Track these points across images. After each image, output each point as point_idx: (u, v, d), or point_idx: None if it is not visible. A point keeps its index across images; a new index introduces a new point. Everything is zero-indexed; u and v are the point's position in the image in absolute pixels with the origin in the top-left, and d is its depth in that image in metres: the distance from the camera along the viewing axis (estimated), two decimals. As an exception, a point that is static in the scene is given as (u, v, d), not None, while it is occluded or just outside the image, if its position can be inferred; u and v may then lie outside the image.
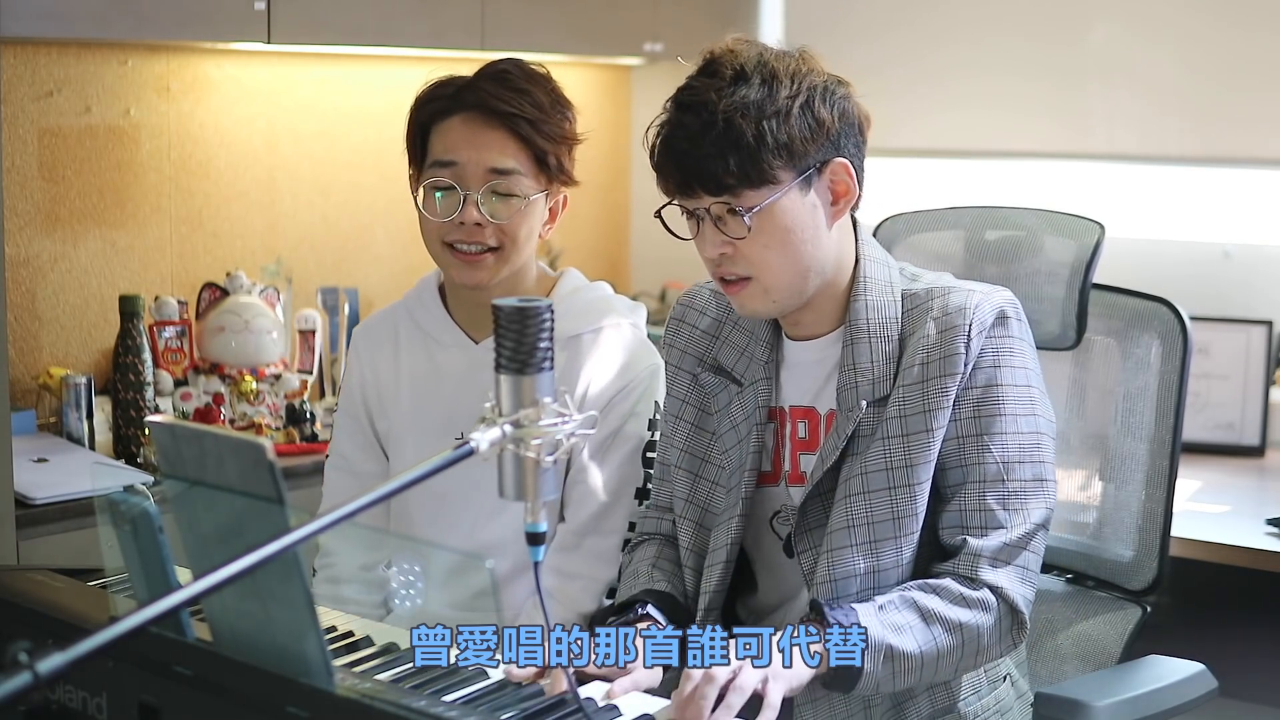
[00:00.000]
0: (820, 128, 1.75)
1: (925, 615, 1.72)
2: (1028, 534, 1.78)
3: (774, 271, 1.78)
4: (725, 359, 1.93)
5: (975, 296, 1.79)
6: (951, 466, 1.79)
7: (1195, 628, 2.72)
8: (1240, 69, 3.52)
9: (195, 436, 1.40)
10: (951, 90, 3.86)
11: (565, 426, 1.43)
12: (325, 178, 3.57)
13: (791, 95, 1.74)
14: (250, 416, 3.08)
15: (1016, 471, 1.78)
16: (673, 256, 4.59)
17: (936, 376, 1.77)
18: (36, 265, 3.05)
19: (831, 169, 1.78)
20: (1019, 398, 1.79)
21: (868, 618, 1.69)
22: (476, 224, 2.06)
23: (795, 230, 1.77)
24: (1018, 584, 1.77)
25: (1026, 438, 1.79)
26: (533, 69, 2.13)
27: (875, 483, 1.78)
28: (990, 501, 1.77)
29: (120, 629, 1.14)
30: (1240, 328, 3.40)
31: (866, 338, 1.82)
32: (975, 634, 1.74)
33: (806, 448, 1.88)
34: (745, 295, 1.81)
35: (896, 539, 1.78)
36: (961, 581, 1.76)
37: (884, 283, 1.84)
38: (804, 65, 1.78)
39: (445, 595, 2.16)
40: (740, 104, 1.72)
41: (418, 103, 2.13)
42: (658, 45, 3.82)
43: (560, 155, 2.11)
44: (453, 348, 2.18)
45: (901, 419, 1.78)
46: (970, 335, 1.77)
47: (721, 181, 1.74)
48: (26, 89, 3.00)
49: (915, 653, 1.70)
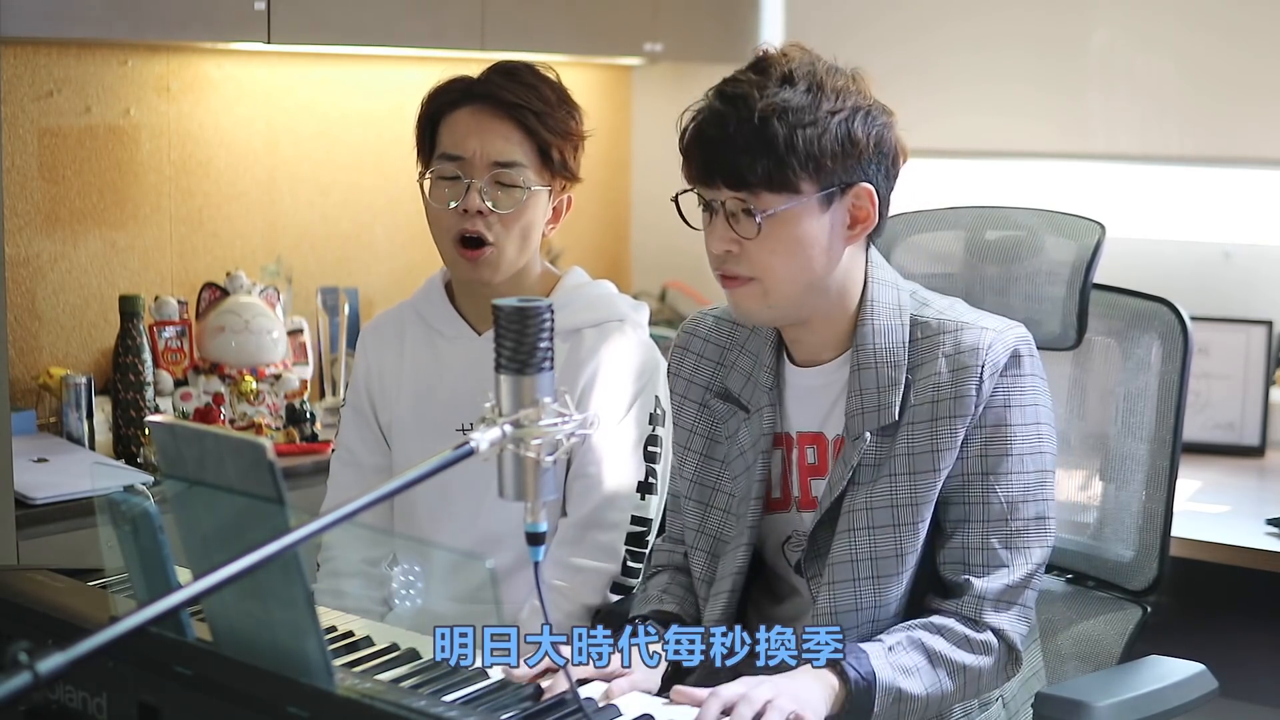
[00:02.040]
0: (853, 148, 1.74)
1: (932, 658, 1.74)
2: (1029, 574, 1.79)
3: (776, 278, 1.76)
4: (733, 385, 1.92)
5: (989, 335, 1.78)
6: (955, 503, 1.80)
7: (1195, 628, 2.72)
8: (1239, 70, 3.52)
9: (195, 436, 1.40)
10: (952, 91, 3.86)
11: (565, 426, 1.42)
12: (325, 178, 3.57)
13: (833, 110, 1.73)
14: (250, 416, 3.08)
15: (1020, 511, 1.78)
16: (673, 257, 4.61)
17: (946, 417, 1.76)
18: (36, 265, 3.05)
19: (855, 192, 1.77)
20: (1026, 436, 1.79)
21: (878, 660, 1.70)
22: (479, 211, 2.09)
23: (805, 243, 1.75)
24: (1017, 624, 1.79)
25: (1031, 477, 1.79)
26: (542, 70, 2.17)
27: (880, 519, 1.78)
28: (993, 541, 1.78)
29: (120, 629, 1.14)
30: (1240, 328, 3.40)
31: (874, 364, 1.80)
32: (976, 676, 1.77)
33: (816, 473, 1.87)
34: (743, 295, 1.79)
35: (899, 575, 1.79)
36: (966, 624, 1.77)
37: (892, 306, 1.82)
38: (853, 85, 1.77)
39: (446, 589, 2.17)
40: (780, 106, 1.71)
41: (428, 97, 2.18)
42: (658, 45, 3.82)
43: (564, 151, 2.14)
44: (456, 339, 2.21)
45: (909, 456, 1.78)
46: (983, 378, 1.76)
47: (744, 178, 1.72)
48: (26, 89, 3.00)
49: (921, 695, 1.72)
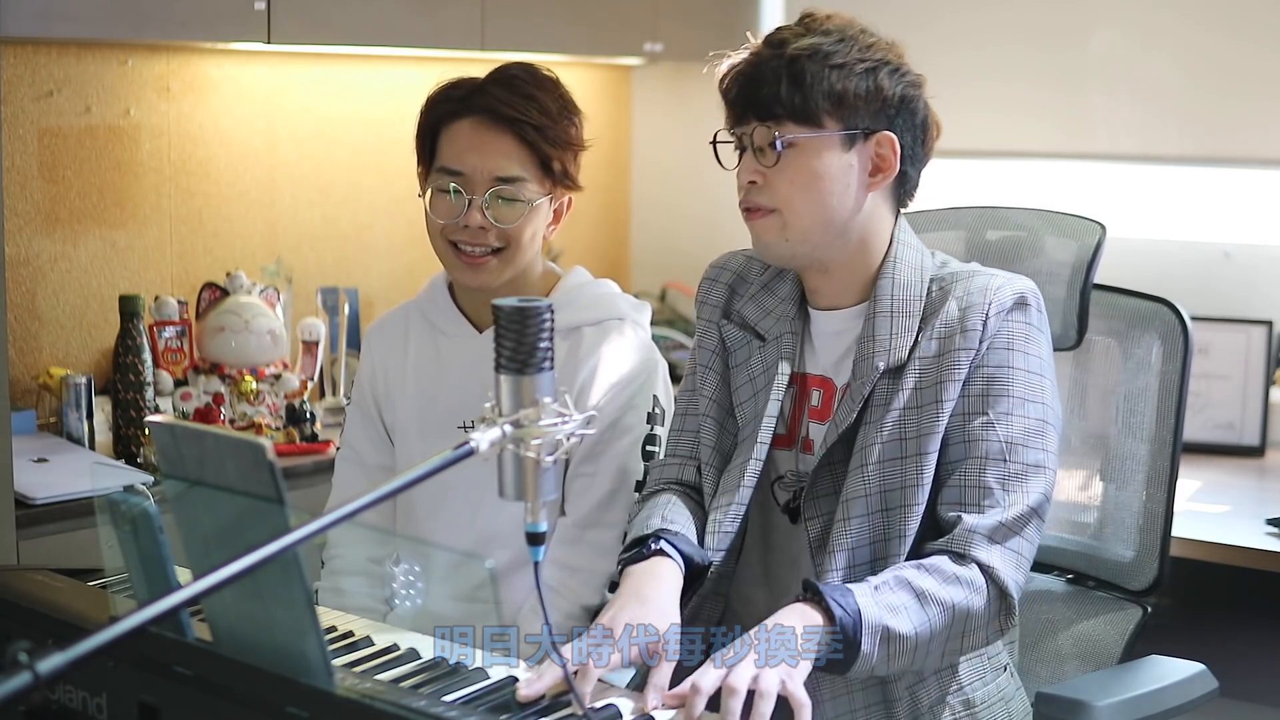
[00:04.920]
0: (877, 94, 1.83)
1: (920, 596, 1.72)
2: (1023, 516, 1.77)
3: (795, 210, 1.83)
4: (750, 315, 1.97)
5: (998, 280, 1.83)
6: (955, 442, 1.80)
7: (1195, 628, 2.72)
8: (1239, 70, 3.52)
9: (195, 436, 1.40)
10: (953, 92, 3.81)
11: (565, 426, 1.43)
12: (325, 178, 3.57)
13: (861, 58, 1.83)
14: (250, 416, 3.08)
15: (1018, 454, 1.78)
16: (673, 257, 4.61)
17: (951, 350, 1.80)
18: (36, 265, 3.05)
19: (878, 139, 1.84)
20: (1029, 383, 1.80)
21: (864, 598, 1.69)
22: (480, 227, 2.09)
23: (823, 178, 1.82)
24: (1010, 568, 1.76)
25: (1032, 423, 1.79)
26: (542, 74, 2.15)
27: (889, 452, 1.80)
28: (989, 479, 1.78)
29: (120, 629, 1.14)
30: (1240, 328, 3.40)
31: (889, 313, 1.84)
32: (965, 614, 1.74)
33: (819, 416, 1.90)
34: (763, 227, 1.85)
35: (903, 508, 1.79)
36: (954, 559, 1.76)
37: (914, 266, 1.88)
38: (888, 47, 1.87)
39: (446, 589, 2.17)
40: (811, 48, 1.81)
41: (428, 103, 2.16)
42: (658, 45, 3.82)
43: (565, 161, 2.13)
44: (458, 338, 2.21)
45: (916, 390, 1.81)
46: (989, 314, 1.80)
47: (770, 109, 1.81)
48: (26, 89, 3.00)
49: (910, 634, 1.70)
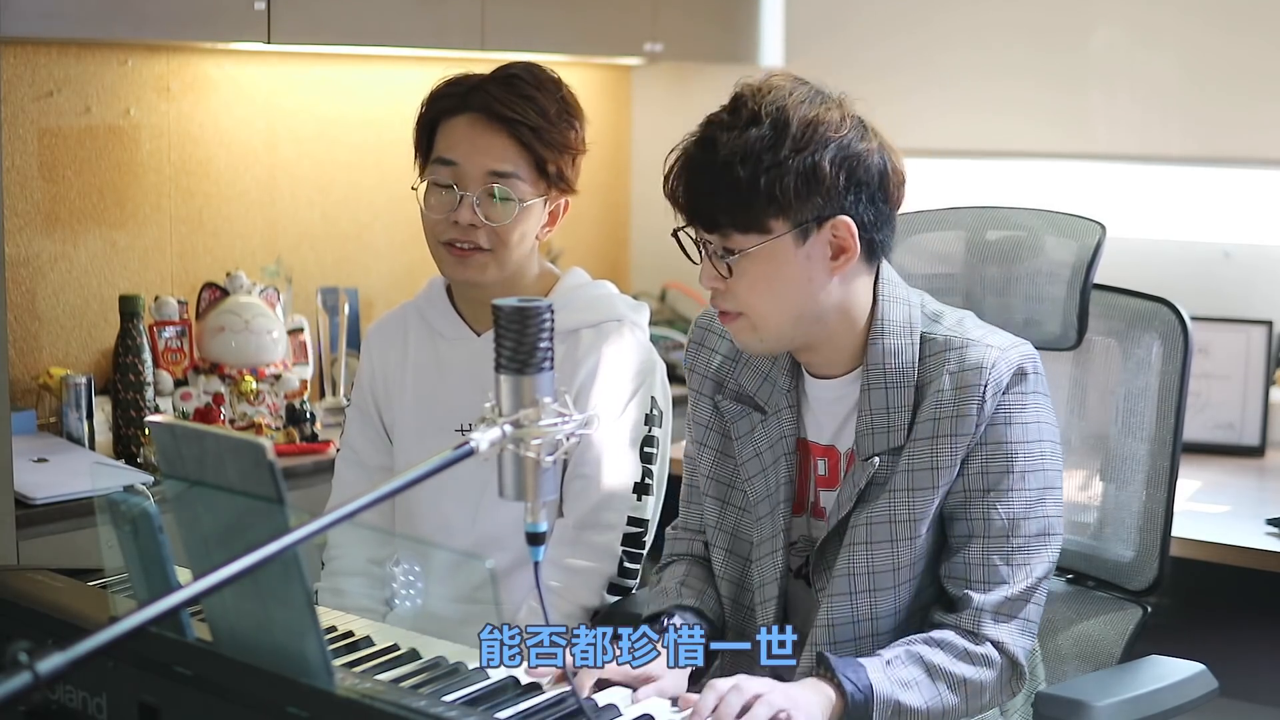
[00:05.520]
0: (819, 184, 1.72)
1: (931, 671, 1.74)
2: (1030, 588, 1.79)
3: (760, 313, 1.77)
4: (747, 384, 1.91)
5: (993, 354, 1.77)
6: (958, 519, 1.80)
7: (1195, 628, 2.72)
8: (1240, 70, 3.52)
9: (195, 436, 1.40)
10: (953, 92, 3.85)
11: (565, 427, 1.43)
12: (325, 178, 3.57)
13: (796, 149, 1.71)
14: (250, 416, 3.08)
15: (1022, 528, 1.78)
16: (673, 258, 4.59)
17: (948, 435, 1.77)
18: (36, 265, 3.05)
19: (833, 225, 1.75)
20: (1028, 454, 1.79)
21: (875, 673, 1.70)
22: (471, 224, 2.09)
23: (783, 279, 1.75)
24: (1019, 637, 1.78)
25: (1033, 494, 1.79)
26: (544, 75, 2.15)
27: (879, 534, 1.79)
28: (994, 558, 1.78)
29: (120, 629, 1.14)
30: (1240, 328, 3.39)
31: (884, 385, 1.80)
32: (979, 689, 1.76)
33: (827, 484, 1.88)
34: (736, 329, 1.81)
35: (894, 589, 1.80)
36: (965, 636, 1.77)
37: (903, 324, 1.82)
38: (829, 114, 1.74)
39: (446, 589, 2.17)
40: (743, 149, 1.71)
41: (429, 98, 2.17)
42: (658, 45, 3.82)
43: (561, 164, 2.12)
44: (456, 340, 2.21)
45: (909, 473, 1.79)
46: (985, 397, 1.76)
47: (715, 220, 1.75)
48: (26, 89, 3.00)
49: (921, 708, 1.72)
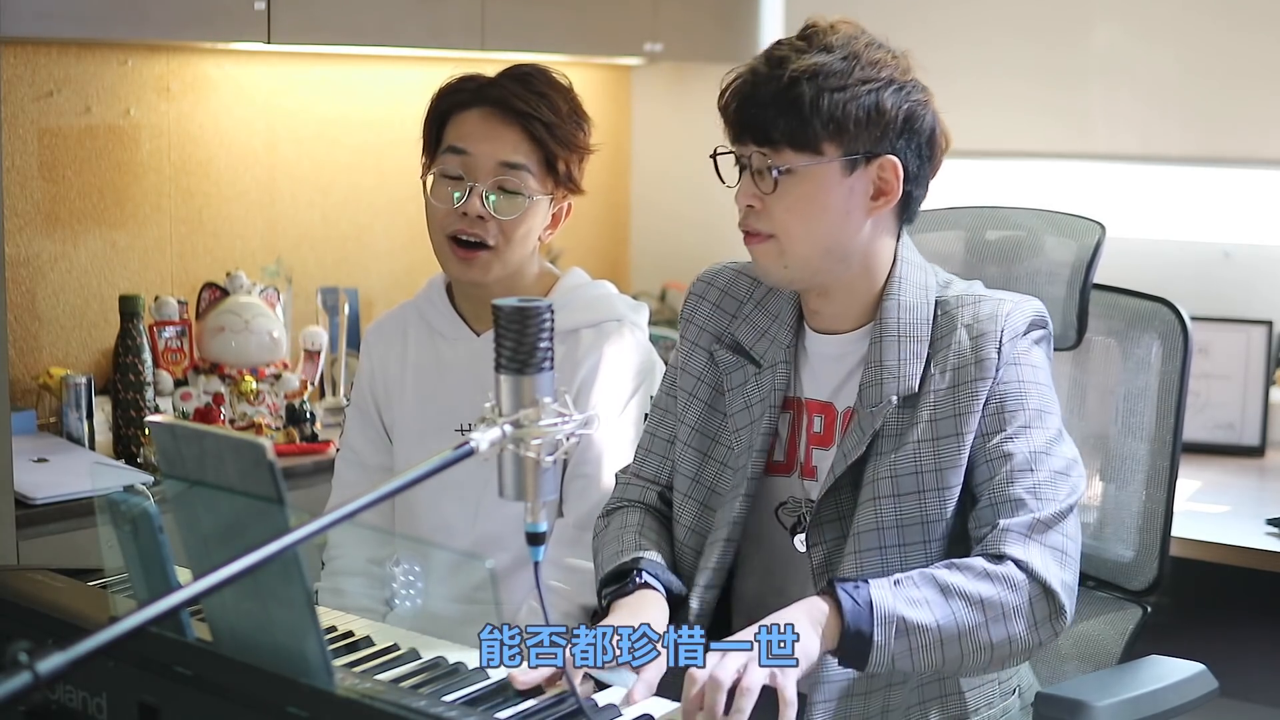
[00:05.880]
0: (879, 117, 1.77)
1: (944, 590, 1.69)
2: (1057, 514, 1.75)
3: (793, 238, 1.79)
4: (744, 338, 1.93)
5: (1006, 305, 1.81)
6: (980, 463, 1.79)
7: (1195, 628, 2.72)
8: (1240, 69, 3.52)
9: (195, 436, 1.40)
10: (953, 91, 3.80)
11: (565, 427, 1.42)
12: (325, 178, 3.57)
13: (864, 79, 1.76)
14: (250, 416, 3.08)
15: (1044, 462, 1.77)
16: (673, 258, 4.61)
17: (968, 381, 1.78)
18: (36, 265, 3.05)
19: (880, 163, 1.79)
20: (1042, 395, 1.80)
21: (879, 590, 1.67)
22: (479, 216, 2.09)
23: (822, 205, 1.78)
24: (1051, 564, 1.73)
25: (1051, 431, 1.80)
26: (555, 77, 2.17)
27: (905, 486, 1.78)
28: (1019, 491, 1.76)
29: (120, 629, 1.14)
30: (1240, 328, 3.39)
31: (896, 336, 1.82)
32: (999, 609, 1.70)
33: (821, 443, 1.87)
34: (761, 251, 1.82)
35: (925, 543, 1.78)
36: (987, 558, 1.73)
37: (919, 285, 1.85)
38: (893, 61, 1.80)
39: (446, 589, 2.17)
40: (811, 69, 1.75)
41: (439, 94, 2.17)
42: (658, 45, 3.82)
43: (570, 162, 2.14)
44: (455, 340, 2.21)
45: (932, 423, 1.79)
46: (1003, 341, 1.78)
47: (768, 134, 1.77)
48: (26, 89, 3.00)
49: (932, 625, 1.67)
